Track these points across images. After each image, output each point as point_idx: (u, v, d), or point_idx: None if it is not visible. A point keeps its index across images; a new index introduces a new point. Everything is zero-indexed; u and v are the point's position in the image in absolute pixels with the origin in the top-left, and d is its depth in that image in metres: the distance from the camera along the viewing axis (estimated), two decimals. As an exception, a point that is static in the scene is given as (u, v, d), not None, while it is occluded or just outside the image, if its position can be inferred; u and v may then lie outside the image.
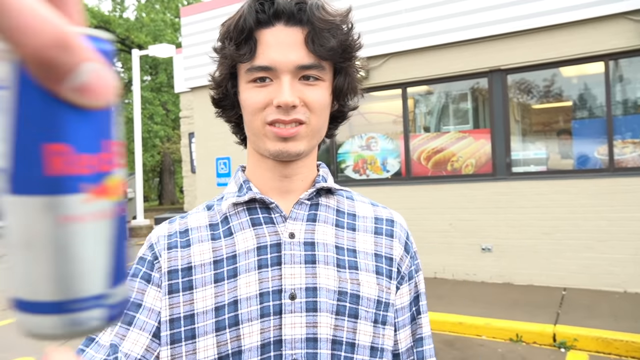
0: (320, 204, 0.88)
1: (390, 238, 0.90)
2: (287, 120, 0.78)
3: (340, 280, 0.82)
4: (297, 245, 0.82)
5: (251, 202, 0.85)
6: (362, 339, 0.81)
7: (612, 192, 5.95)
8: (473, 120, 7.18)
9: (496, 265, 6.66)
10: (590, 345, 4.47)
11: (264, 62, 0.79)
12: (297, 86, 0.79)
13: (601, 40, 5.99)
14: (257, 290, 0.79)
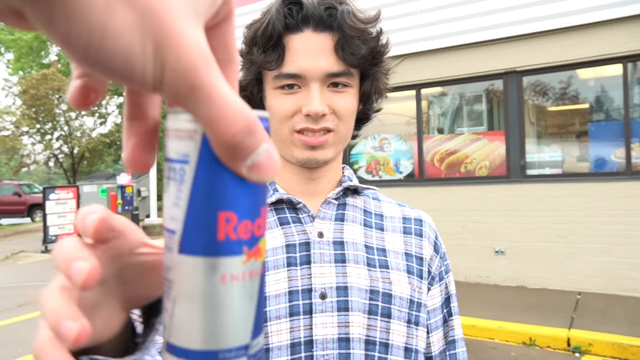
0: (347, 204, 0.88)
1: (419, 237, 0.90)
2: (316, 129, 0.78)
3: (371, 279, 0.81)
4: (326, 245, 0.82)
5: (278, 202, 0.85)
6: (395, 339, 0.80)
7: (630, 195, 5.87)
8: (487, 122, 7.13)
9: (509, 268, 6.60)
10: (605, 351, 4.42)
11: (293, 70, 0.78)
12: (325, 94, 0.79)
13: (619, 42, 5.91)
14: (286, 288, 0.78)
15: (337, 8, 0.78)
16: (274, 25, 0.77)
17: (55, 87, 20.91)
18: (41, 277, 8.88)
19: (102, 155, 27.00)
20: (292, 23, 0.78)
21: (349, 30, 0.77)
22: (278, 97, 0.80)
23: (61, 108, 22.36)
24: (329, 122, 0.79)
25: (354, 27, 0.77)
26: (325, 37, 0.78)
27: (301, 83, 0.78)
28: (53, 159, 25.16)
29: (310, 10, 0.77)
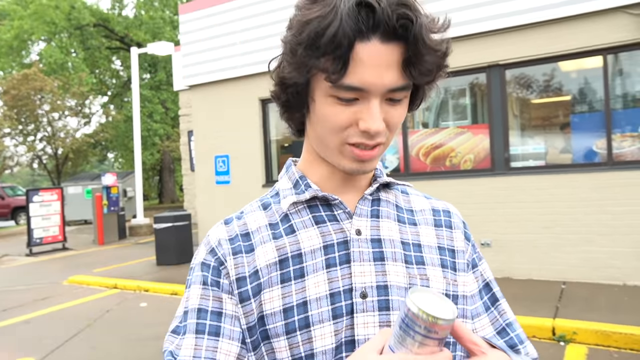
0: (381, 199, 0.86)
1: (449, 229, 0.89)
2: (371, 144, 0.75)
3: (409, 276, 0.80)
4: (364, 242, 0.80)
5: (312, 199, 0.83)
6: None
7: (612, 185, 5.95)
8: (471, 116, 7.17)
9: (495, 260, 6.66)
10: (589, 339, 4.48)
11: (356, 83, 0.70)
12: (383, 107, 0.74)
13: (599, 34, 5.98)
14: (327, 291, 0.76)
15: (411, 19, 0.69)
16: (344, 31, 0.67)
17: (37, 87, 20.61)
18: (26, 280, 8.77)
19: (87, 155, 26.71)
20: (362, 30, 0.68)
21: (422, 47, 0.70)
22: (333, 107, 0.74)
23: (43, 109, 22.06)
24: (382, 136, 0.76)
25: (427, 43, 0.70)
26: (393, 49, 0.70)
27: (361, 96, 0.72)
28: (37, 160, 24.83)
29: (383, 18, 0.68)
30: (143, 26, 26.27)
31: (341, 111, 0.73)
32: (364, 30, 0.68)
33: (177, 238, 9.16)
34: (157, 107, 26.30)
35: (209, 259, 0.80)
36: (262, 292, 0.77)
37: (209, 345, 0.75)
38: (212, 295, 0.78)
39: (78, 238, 14.75)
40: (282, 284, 0.77)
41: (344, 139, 0.75)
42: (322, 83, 0.73)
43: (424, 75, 0.73)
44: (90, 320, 6.07)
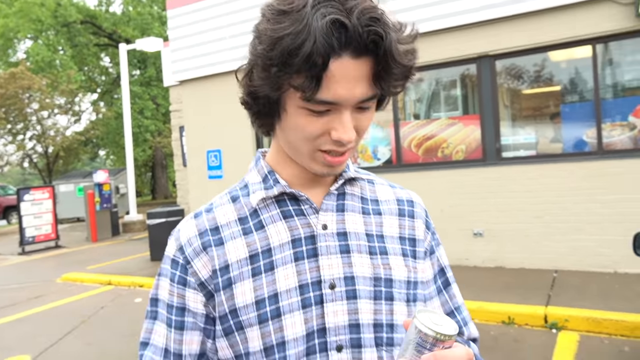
0: (346, 193, 0.89)
1: (412, 219, 0.94)
2: (342, 151, 0.78)
3: (374, 267, 0.84)
4: (330, 237, 0.84)
5: (280, 195, 0.86)
6: (399, 318, 0.84)
7: (602, 174, 6.00)
8: (462, 107, 7.20)
9: (488, 250, 6.72)
10: (580, 326, 4.54)
11: (329, 98, 0.72)
12: (353, 115, 0.76)
13: (588, 24, 6.01)
14: (296, 283, 0.80)
15: (382, 36, 0.69)
16: (318, 50, 0.67)
17: (25, 85, 20.40)
18: (19, 279, 8.73)
19: (78, 153, 26.52)
20: (335, 47, 0.69)
21: (391, 62, 0.71)
22: (305, 117, 0.75)
23: (32, 107, 21.85)
24: (352, 142, 0.78)
25: (397, 60, 0.72)
26: (363, 64, 0.71)
27: (333, 108, 0.74)
28: (27, 159, 24.63)
29: (355, 36, 0.68)
30: (131, 22, 26.04)
31: (313, 121, 0.75)
32: (336, 47, 0.69)
33: (170, 233, 9.13)
34: (148, 103, 26.13)
35: (178, 256, 0.85)
36: (233, 285, 0.81)
37: (175, 338, 0.85)
38: (177, 292, 0.84)
39: (71, 236, 14.69)
40: (253, 277, 0.81)
41: (316, 146, 0.78)
42: (294, 95, 0.74)
43: (393, 86, 0.76)
44: (84, 317, 6.06)
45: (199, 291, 0.83)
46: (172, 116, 16.23)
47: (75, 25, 25.99)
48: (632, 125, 5.92)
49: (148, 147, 27.71)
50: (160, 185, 31.61)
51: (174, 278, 0.85)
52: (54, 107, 22.47)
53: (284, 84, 0.73)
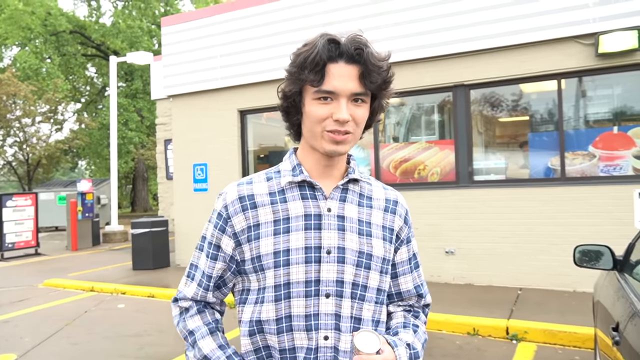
0: (349, 189, 1.24)
1: (393, 215, 1.29)
2: (342, 131, 1.12)
3: (360, 243, 1.19)
4: (332, 218, 1.19)
5: (302, 182, 1.21)
6: (371, 283, 1.20)
7: (564, 199, 6.47)
8: (439, 131, 7.65)
9: (458, 268, 7.10)
10: (538, 337, 4.91)
11: (330, 88, 1.10)
12: (349, 106, 1.12)
13: (554, 60, 6.54)
14: (303, 245, 1.16)
15: (363, 49, 1.11)
16: (320, 56, 1.09)
17: (11, 92, 20.42)
18: (0, 284, 8.80)
19: (59, 162, 26.38)
20: (332, 56, 1.10)
21: (371, 66, 1.11)
22: (316, 105, 1.13)
23: (15, 114, 21.82)
24: (349, 126, 1.13)
25: (374, 64, 1.11)
26: (353, 68, 1.11)
27: (334, 97, 1.11)
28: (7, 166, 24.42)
29: (345, 49, 1.10)
30: (120, 35, 26.27)
31: (321, 108, 1.12)
32: (333, 56, 1.11)
33: (154, 243, 9.33)
34: (133, 115, 26.25)
35: (223, 211, 1.23)
36: (260, 239, 1.18)
37: (209, 264, 1.23)
38: (216, 235, 1.23)
39: (50, 244, 14.67)
40: (274, 235, 1.17)
41: (324, 127, 1.13)
42: (309, 91, 1.13)
43: (374, 84, 1.13)
44: (69, 320, 6.23)
45: (232, 239, 1.20)
46: (157, 129, 16.46)
47: (64, 34, 26.14)
48: (592, 154, 6.42)
49: (130, 159, 27.73)
50: (140, 198, 31.52)
51: (217, 226, 1.22)
52: (37, 115, 22.46)
53: (300, 79, 1.12)
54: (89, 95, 31.44)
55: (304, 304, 1.14)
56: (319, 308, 1.14)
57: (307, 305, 1.14)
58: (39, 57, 24.99)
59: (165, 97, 11.45)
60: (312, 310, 1.14)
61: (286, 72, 1.17)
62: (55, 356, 4.91)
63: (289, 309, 1.14)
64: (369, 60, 1.11)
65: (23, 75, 23.20)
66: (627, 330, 2.07)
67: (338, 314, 1.15)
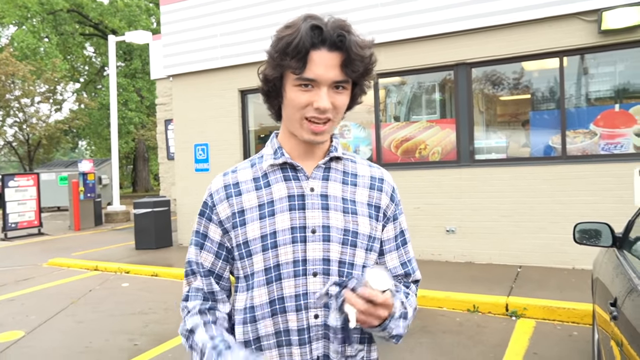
0: (331, 168, 1.24)
1: (380, 192, 1.27)
2: (321, 118, 1.11)
3: (345, 222, 1.19)
4: (316, 197, 1.18)
5: (284, 164, 1.21)
6: (357, 261, 1.20)
7: (565, 177, 6.49)
8: (440, 111, 7.63)
9: (459, 246, 7.16)
10: (537, 314, 4.99)
11: (311, 76, 1.08)
12: (330, 93, 1.11)
13: (556, 37, 6.49)
14: (289, 226, 1.16)
15: (345, 36, 1.07)
16: (303, 43, 1.06)
17: (9, 72, 20.30)
18: (3, 263, 8.90)
19: (60, 142, 26.36)
20: (315, 42, 1.07)
21: (353, 54, 1.08)
22: (297, 92, 1.11)
23: (14, 94, 21.73)
24: (330, 114, 1.12)
25: (356, 53, 1.09)
26: (335, 56, 1.08)
27: (314, 85, 1.10)
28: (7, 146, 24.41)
29: (327, 35, 1.07)
30: (118, 13, 25.99)
31: (302, 95, 1.10)
32: (316, 42, 1.07)
33: (156, 223, 9.39)
34: (132, 95, 26.14)
35: (209, 200, 1.24)
36: (246, 224, 1.18)
37: (197, 253, 1.25)
38: (203, 224, 1.24)
39: (53, 224, 14.77)
40: (260, 220, 1.18)
41: (303, 114, 1.12)
42: (290, 77, 1.11)
43: (355, 73, 1.11)
44: (74, 298, 6.32)
45: (218, 227, 1.21)
46: (158, 109, 16.40)
47: (61, 13, 25.86)
48: (593, 133, 6.41)
49: (131, 139, 27.70)
50: (142, 178, 31.58)
51: (204, 214, 1.24)
52: (36, 95, 22.37)
53: (282, 65, 1.10)
54: (88, 75, 31.25)
55: (293, 284, 1.15)
56: (307, 287, 1.15)
57: (297, 285, 1.15)
58: (37, 36, 24.76)
59: (165, 77, 11.38)
60: (301, 290, 1.15)
61: (267, 54, 1.14)
62: (62, 333, 5.00)
63: (281, 290, 1.15)
64: (351, 48, 1.08)
65: (21, 55, 23.02)
66: (625, 305, 2.11)
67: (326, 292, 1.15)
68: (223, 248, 1.22)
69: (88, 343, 4.70)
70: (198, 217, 1.26)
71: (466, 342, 4.43)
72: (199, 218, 1.26)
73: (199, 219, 1.26)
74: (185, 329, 1.21)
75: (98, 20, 26.80)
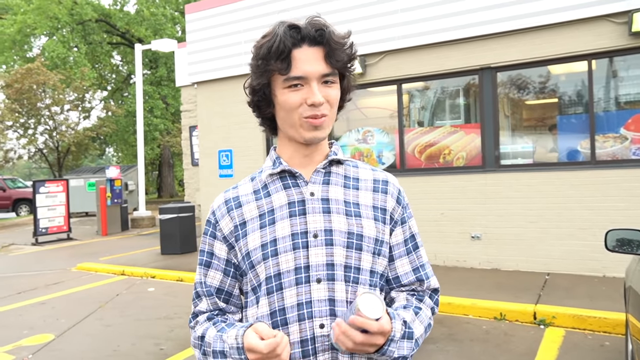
0: (332, 172, 1.21)
1: (385, 194, 1.23)
2: (319, 115, 1.11)
3: (348, 224, 1.15)
4: (316, 201, 1.16)
5: (282, 172, 1.19)
6: (364, 265, 1.15)
7: (594, 183, 6.34)
8: (464, 115, 7.55)
9: (485, 252, 7.05)
10: (567, 322, 4.87)
11: (299, 73, 1.09)
12: (321, 88, 1.11)
13: (584, 40, 6.36)
14: (289, 232, 1.13)
15: (324, 30, 1.09)
16: (284, 43, 1.07)
17: (40, 81, 20.87)
18: (35, 267, 9.12)
19: (88, 149, 26.95)
20: (295, 41, 1.09)
21: (333, 44, 1.10)
22: (288, 94, 1.10)
23: (45, 102, 22.31)
24: (325, 109, 1.11)
25: (336, 42, 1.11)
26: (317, 50, 1.10)
27: (304, 82, 1.09)
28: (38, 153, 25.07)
29: (306, 32, 1.09)
30: (144, 22, 26.50)
31: (293, 95, 1.10)
32: (296, 41, 1.09)
33: (181, 229, 9.51)
34: (158, 102, 26.57)
35: (211, 217, 1.24)
36: (247, 235, 1.16)
37: (203, 273, 1.24)
38: (208, 242, 1.23)
39: (81, 229, 15.09)
40: (260, 229, 1.16)
41: (300, 114, 1.10)
42: (278, 80, 1.11)
43: (340, 62, 1.12)
44: (101, 302, 6.43)
45: (223, 242, 1.20)
46: (182, 116, 16.62)
47: (90, 23, 26.51)
48: (624, 137, 6.26)
49: (156, 145, 28.14)
50: (167, 184, 32.02)
51: (207, 232, 1.24)
52: (65, 103, 22.94)
53: (268, 70, 1.10)
54: (115, 83, 31.90)
55: (295, 293, 1.11)
56: (311, 295, 1.10)
57: (299, 293, 1.10)
58: (66, 46, 25.41)
59: (189, 84, 11.55)
60: (304, 298, 1.10)
61: (250, 66, 1.15)
62: (90, 337, 5.09)
63: (282, 300, 1.11)
64: (331, 39, 1.10)
65: (51, 64, 23.65)
66: (660, 315, 2.04)
67: (332, 298, 1.10)
68: (231, 265, 1.20)
69: (116, 347, 4.78)
70: (203, 236, 1.26)
71: (493, 351, 4.35)
72: (204, 237, 1.25)
73: (204, 237, 1.25)
74: (196, 337, 1.19)
75: (125, 30, 27.37)
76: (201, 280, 1.23)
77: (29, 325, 5.54)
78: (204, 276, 1.23)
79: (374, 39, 7.64)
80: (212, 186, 9.61)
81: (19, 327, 5.50)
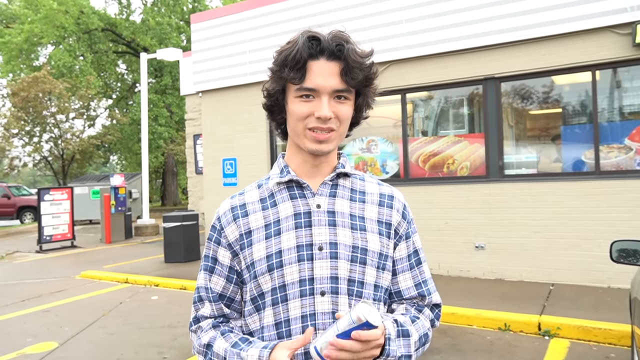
0: (339, 184, 1.22)
1: (390, 209, 1.24)
2: (324, 128, 1.11)
3: (353, 238, 1.15)
4: (322, 213, 1.16)
5: (290, 182, 1.20)
6: (368, 279, 1.15)
7: (598, 193, 6.33)
8: (468, 125, 7.57)
9: (489, 262, 7.03)
10: (571, 333, 4.84)
11: (311, 85, 1.09)
12: (332, 103, 1.11)
13: (588, 51, 6.39)
14: (295, 244, 1.13)
15: (344, 45, 1.09)
16: (301, 54, 1.08)
17: (46, 89, 21.02)
18: (39, 275, 9.14)
19: (92, 157, 27.06)
20: (313, 53, 1.09)
21: (351, 62, 1.09)
22: (298, 103, 1.11)
23: (50, 110, 22.46)
24: (332, 123, 1.11)
25: (355, 60, 1.10)
26: (334, 65, 1.10)
27: (315, 94, 1.10)
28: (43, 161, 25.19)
29: (326, 45, 1.09)
30: (150, 32, 26.71)
31: (303, 106, 1.11)
32: (314, 53, 1.09)
33: (185, 237, 9.52)
34: (162, 110, 26.70)
35: (217, 223, 1.24)
36: (252, 245, 1.16)
37: (206, 278, 1.24)
38: (212, 248, 1.24)
39: (85, 237, 15.11)
40: (266, 239, 1.16)
41: (305, 125, 1.12)
42: (292, 88, 1.12)
43: (355, 80, 1.12)
44: (105, 310, 6.43)
45: (227, 249, 1.20)
46: (187, 124, 16.70)
47: (96, 32, 26.73)
48: (628, 148, 6.25)
49: (160, 153, 28.24)
50: (170, 192, 32.08)
51: (212, 238, 1.24)
52: (70, 111, 23.09)
53: (282, 77, 1.12)
54: (120, 91, 32.10)
55: (299, 305, 1.11)
56: (315, 307, 1.11)
57: (303, 306, 1.11)
58: (73, 54, 25.62)
59: (194, 93, 11.63)
60: (307, 311, 1.11)
61: (269, 70, 1.16)
62: (94, 345, 5.09)
63: (287, 312, 1.11)
64: (349, 56, 1.09)
65: (57, 73, 23.84)
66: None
67: (335, 311, 1.10)
68: (233, 272, 1.20)
69: (119, 355, 4.78)
70: (207, 242, 1.26)
71: (498, 362, 4.32)
72: (208, 242, 1.25)
73: (208, 243, 1.25)
74: (201, 345, 1.18)
75: (130, 39, 27.57)
76: (206, 286, 1.23)
77: (33, 333, 5.54)
78: (209, 281, 1.23)
79: (379, 48, 7.68)
80: (216, 194, 9.63)
81: (22, 335, 5.50)
